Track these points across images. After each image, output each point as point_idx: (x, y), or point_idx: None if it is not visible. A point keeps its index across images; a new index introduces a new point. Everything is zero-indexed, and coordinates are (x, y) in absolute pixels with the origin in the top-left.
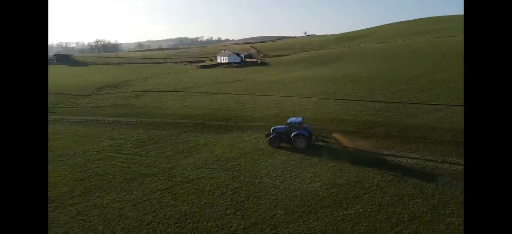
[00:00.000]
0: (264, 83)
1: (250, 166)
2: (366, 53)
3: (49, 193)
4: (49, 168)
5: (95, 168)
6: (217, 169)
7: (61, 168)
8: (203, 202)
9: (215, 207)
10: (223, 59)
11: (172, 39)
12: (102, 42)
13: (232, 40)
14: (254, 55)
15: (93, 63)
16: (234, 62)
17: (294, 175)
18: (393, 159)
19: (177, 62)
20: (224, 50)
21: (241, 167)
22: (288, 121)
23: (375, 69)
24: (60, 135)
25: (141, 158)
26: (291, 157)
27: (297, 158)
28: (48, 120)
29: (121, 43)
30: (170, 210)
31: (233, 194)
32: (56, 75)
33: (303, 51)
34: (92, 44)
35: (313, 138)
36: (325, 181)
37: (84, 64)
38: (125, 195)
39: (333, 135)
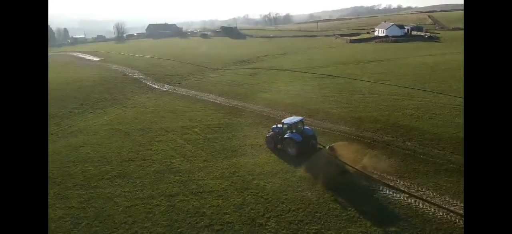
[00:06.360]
0: (408, 68)
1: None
2: None
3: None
4: (118, 139)
5: (147, 150)
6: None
7: (121, 141)
8: None
9: None
10: (380, 31)
11: (347, 8)
12: (274, 15)
13: (415, 8)
14: (426, 27)
15: (252, 36)
16: (392, 36)
17: None
18: None
19: (328, 35)
20: (385, 22)
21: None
22: (282, 121)
23: None
24: (157, 108)
25: (190, 148)
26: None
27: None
28: (167, 89)
29: (292, 16)
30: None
31: None
32: (213, 47)
33: None
34: (267, 16)
35: (311, 144)
36: None
37: (243, 36)
38: (136, 191)
39: (332, 145)
